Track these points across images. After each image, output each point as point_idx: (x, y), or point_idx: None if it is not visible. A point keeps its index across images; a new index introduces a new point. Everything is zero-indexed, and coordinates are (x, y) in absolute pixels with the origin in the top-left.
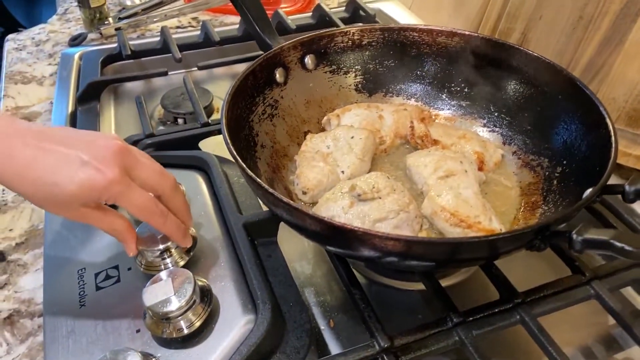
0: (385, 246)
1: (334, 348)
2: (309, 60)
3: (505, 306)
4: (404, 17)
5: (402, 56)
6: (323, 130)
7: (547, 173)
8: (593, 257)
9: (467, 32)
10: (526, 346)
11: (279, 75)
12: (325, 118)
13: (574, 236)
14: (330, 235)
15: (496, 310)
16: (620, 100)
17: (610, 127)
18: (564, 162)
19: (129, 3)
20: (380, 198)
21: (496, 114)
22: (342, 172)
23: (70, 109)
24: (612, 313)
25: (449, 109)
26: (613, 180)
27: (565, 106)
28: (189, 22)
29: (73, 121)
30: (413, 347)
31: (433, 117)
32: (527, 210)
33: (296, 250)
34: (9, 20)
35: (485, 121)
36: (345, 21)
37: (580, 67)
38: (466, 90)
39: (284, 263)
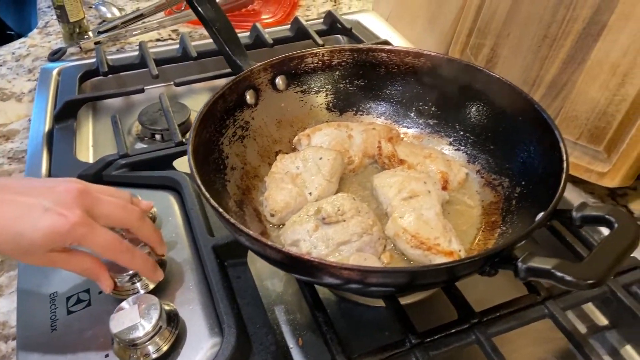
0: (340, 275)
1: None
2: (279, 81)
3: (462, 326)
4: (381, 28)
5: (371, 76)
6: (294, 149)
7: (507, 193)
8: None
9: (432, 53)
10: None
11: (249, 97)
12: (296, 138)
13: (519, 264)
14: (289, 264)
15: (453, 330)
16: (583, 118)
17: (563, 152)
18: (523, 182)
19: (109, 16)
20: (344, 221)
21: (462, 133)
22: (310, 193)
23: (47, 127)
24: (565, 332)
25: (416, 128)
26: (580, 196)
27: (525, 128)
28: (169, 35)
29: (50, 140)
30: None
31: (402, 135)
32: (487, 230)
33: (268, 268)
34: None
35: (451, 140)
36: (323, 34)
37: (545, 84)
38: (433, 109)
39: (253, 284)
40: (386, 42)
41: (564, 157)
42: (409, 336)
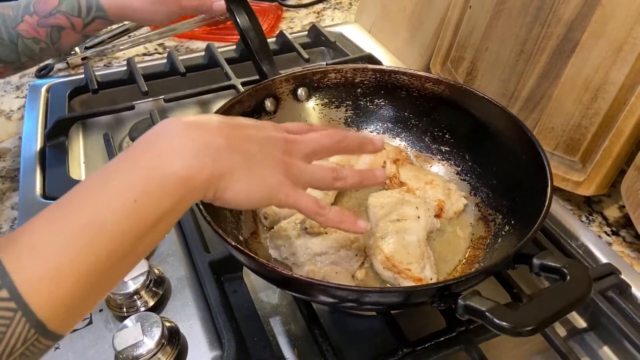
0: (303, 288)
1: None
2: (302, 92)
3: (450, 334)
4: (364, 40)
5: (391, 97)
6: None
7: (497, 230)
8: (542, 282)
9: (452, 82)
10: None
11: (269, 104)
12: None
13: (460, 301)
14: (255, 269)
15: (442, 338)
16: (559, 130)
17: (546, 202)
18: (512, 222)
19: None
20: (326, 233)
21: (470, 164)
22: None
23: (39, 145)
24: (545, 335)
25: (428, 152)
26: (557, 204)
27: (526, 169)
28: (156, 49)
29: (42, 158)
30: None
31: (413, 158)
32: (467, 263)
33: (262, 281)
34: None
35: (459, 169)
36: (307, 46)
37: (523, 97)
38: (447, 136)
39: (249, 298)
40: (370, 56)
41: (545, 207)
42: (400, 346)
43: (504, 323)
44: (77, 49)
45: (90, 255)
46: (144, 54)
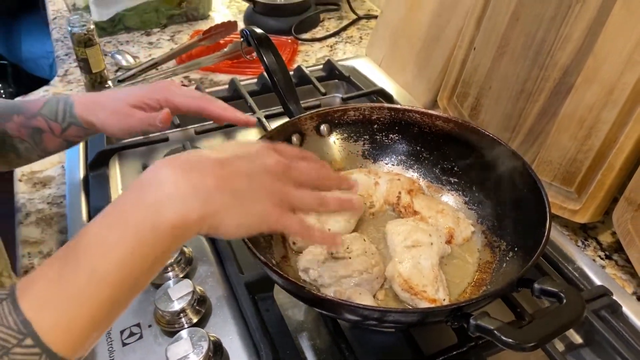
0: (334, 307)
1: None
2: (324, 128)
3: (461, 349)
4: (375, 74)
5: (405, 132)
6: None
7: (501, 255)
8: (542, 301)
9: (460, 120)
10: None
11: (295, 139)
12: None
13: (471, 321)
14: (291, 290)
15: (454, 352)
16: (556, 163)
17: (545, 233)
18: (515, 248)
19: (124, 63)
20: (350, 258)
21: (477, 195)
22: (329, 230)
23: (82, 174)
24: (545, 350)
25: (438, 183)
26: (554, 229)
27: (527, 202)
28: (181, 81)
29: (86, 186)
30: None
31: (425, 188)
32: (476, 286)
33: (289, 300)
34: None
35: (467, 199)
36: (322, 79)
37: (523, 132)
38: (456, 169)
39: (280, 315)
40: (382, 90)
41: (544, 238)
42: (417, 359)
43: (510, 340)
44: (109, 82)
45: (95, 303)
46: None
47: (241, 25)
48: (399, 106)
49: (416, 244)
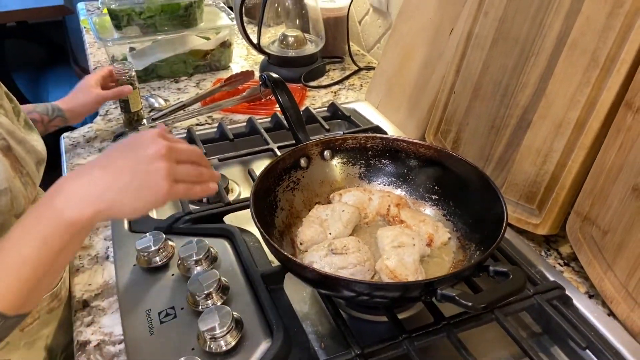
0: (333, 283)
1: None
2: (327, 153)
3: (436, 326)
4: (372, 114)
5: (394, 158)
6: (329, 202)
7: (471, 254)
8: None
9: (439, 147)
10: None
11: (303, 162)
12: (332, 194)
13: (438, 291)
14: (293, 269)
15: (430, 329)
16: (521, 185)
17: (502, 232)
18: (481, 249)
19: (156, 105)
20: (346, 254)
21: (453, 208)
22: (330, 233)
23: None
24: (509, 334)
25: (422, 200)
26: (522, 242)
27: (492, 214)
28: (206, 120)
29: None
30: (376, 352)
31: (411, 203)
32: None
33: (296, 295)
34: (18, 96)
35: (445, 212)
36: (327, 119)
37: (494, 160)
38: (436, 188)
39: (289, 303)
40: (377, 127)
41: (501, 232)
42: (401, 333)
43: (467, 302)
44: (145, 120)
45: (22, 277)
46: (197, 124)
47: (257, 74)
48: (389, 136)
49: (401, 244)
